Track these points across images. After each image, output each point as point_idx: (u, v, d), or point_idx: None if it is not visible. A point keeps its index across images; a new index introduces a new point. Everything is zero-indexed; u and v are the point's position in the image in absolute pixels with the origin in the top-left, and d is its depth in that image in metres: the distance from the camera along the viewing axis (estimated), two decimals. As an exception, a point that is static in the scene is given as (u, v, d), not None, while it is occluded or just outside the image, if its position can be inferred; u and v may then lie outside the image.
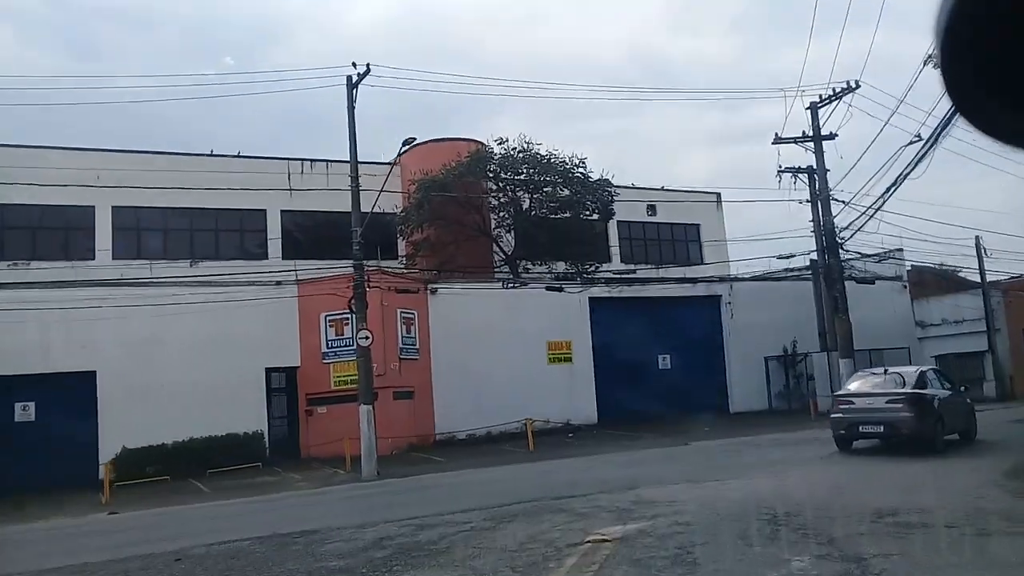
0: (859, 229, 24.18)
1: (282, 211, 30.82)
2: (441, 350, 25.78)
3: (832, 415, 15.62)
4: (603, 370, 28.25)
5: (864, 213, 23.72)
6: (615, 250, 36.41)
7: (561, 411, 26.91)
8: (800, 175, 27.92)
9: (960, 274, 34.30)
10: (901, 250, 32.47)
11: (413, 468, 19.77)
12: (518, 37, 74.27)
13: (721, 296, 30.82)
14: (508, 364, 26.36)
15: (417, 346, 25.32)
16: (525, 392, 26.14)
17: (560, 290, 27.02)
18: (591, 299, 28.50)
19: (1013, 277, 32.26)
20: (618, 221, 36.50)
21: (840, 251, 25.07)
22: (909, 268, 33.56)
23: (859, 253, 25.99)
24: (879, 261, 31.00)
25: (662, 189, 38.99)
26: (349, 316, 21.72)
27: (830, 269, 25.10)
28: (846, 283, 25.51)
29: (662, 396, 28.99)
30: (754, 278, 31.55)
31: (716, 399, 29.98)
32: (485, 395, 25.52)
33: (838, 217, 25.24)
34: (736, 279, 31.60)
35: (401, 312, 24.68)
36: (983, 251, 30.49)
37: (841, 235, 25.12)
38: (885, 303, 32.68)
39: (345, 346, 23.81)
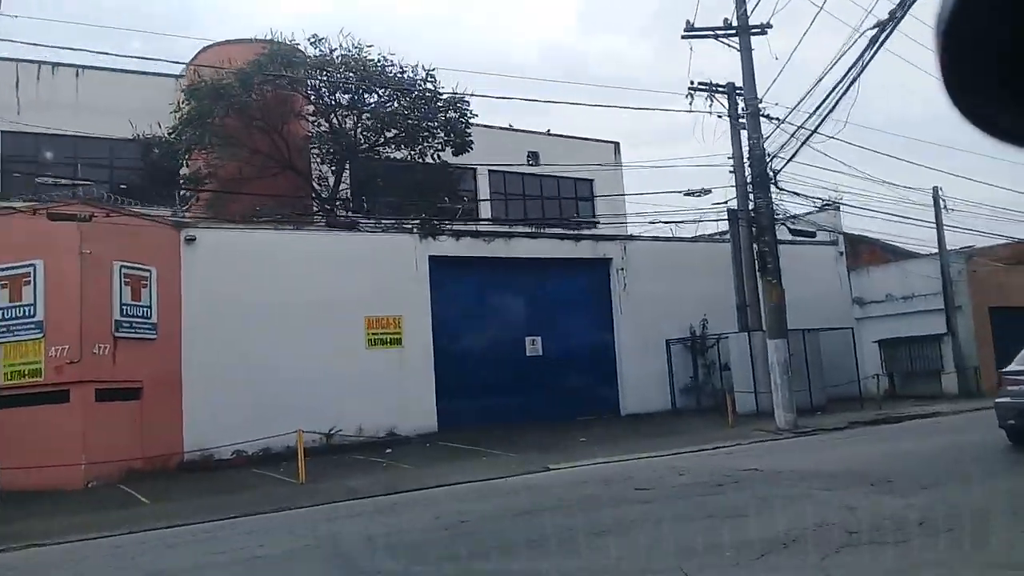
0: (793, 155, 16.93)
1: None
2: (199, 327, 17.36)
3: (998, 400, 12.49)
4: (447, 357, 20.33)
5: (795, 135, 16.44)
6: (485, 206, 28.53)
7: (384, 415, 18.96)
8: (718, 94, 20.53)
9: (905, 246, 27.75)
10: (838, 207, 25.59)
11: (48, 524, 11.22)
12: (433, 37, 66.13)
13: (612, 260, 23.23)
14: (305, 348, 18.22)
15: (153, 320, 16.79)
16: (330, 389, 18.14)
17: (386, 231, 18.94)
18: (433, 259, 20.51)
19: (974, 249, 25.73)
20: (490, 171, 28.67)
21: (771, 187, 17.74)
22: (842, 233, 26.74)
23: (794, 192, 18.75)
24: (815, 211, 23.97)
25: (547, 134, 31.30)
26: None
27: (757, 214, 17.74)
28: (776, 241, 18.22)
29: (530, 392, 21.36)
30: (656, 238, 24.11)
31: (603, 396, 22.47)
32: (267, 394, 17.34)
33: (769, 143, 17.89)
34: (632, 238, 24.08)
35: (122, 267, 16.12)
36: (942, 205, 23.81)
37: (771, 167, 17.80)
38: (816, 273, 25.78)
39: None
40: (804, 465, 11.64)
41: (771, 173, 17.82)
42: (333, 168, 22.65)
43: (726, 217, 21.07)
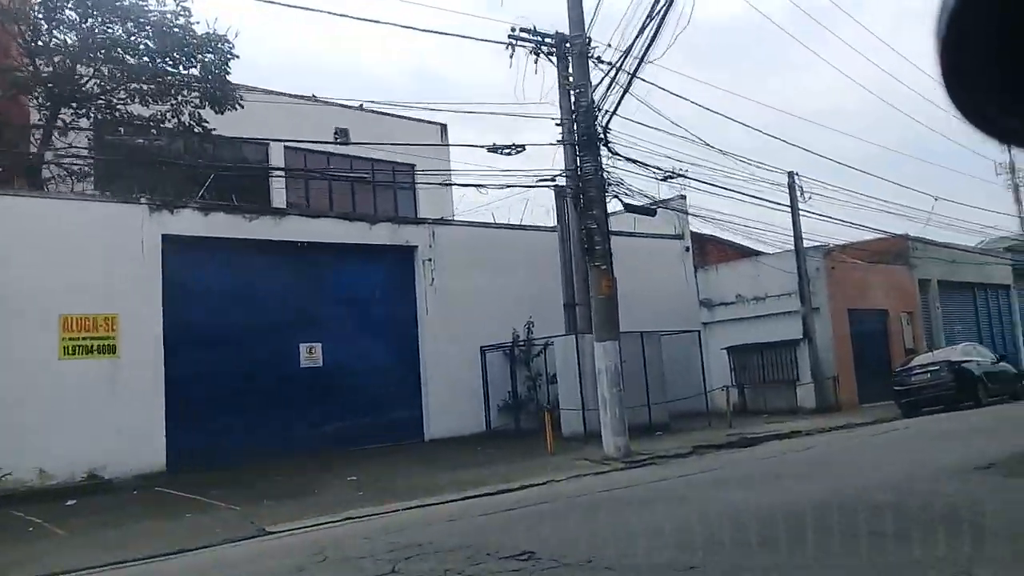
0: (619, 102, 13.16)
1: None
2: None
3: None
4: (185, 372, 15.27)
5: (620, 67, 12.67)
6: (280, 190, 23.54)
7: (85, 452, 13.80)
8: (545, 44, 16.55)
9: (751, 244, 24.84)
10: (684, 197, 22.31)
11: None
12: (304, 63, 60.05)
13: (417, 249, 18.84)
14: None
15: None
16: (7, 416, 12.81)
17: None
18: (168, 239, 15.44)
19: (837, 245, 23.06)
20: (286, 148, 23.72)
21: (601, 148, 13.88)
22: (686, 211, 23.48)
23: (631, 159, 14.95)
24: (654, 204, 20.58)
25: (360, 108, 26.64)
26: None
27: (584, 181, 13.81)
28: (608, 216, 14.36)
29: (303, 415, 16.66)
30: (474, 223, 19.97)
31: (402, 417, 17.98)
32: None
33: (605, 99, 14.04)
34: (442, 221, 19.81)
35: None
36: (798, 191, 20.85)
37: (600, 122, 13.96)
38: (659, 270, 22.40)
39: None
40: (590, 549, 7.11)
41: (600, 130, 13.95)
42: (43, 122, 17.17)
43: (555, 188, 17.04)
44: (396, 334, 18.35)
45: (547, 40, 16.39)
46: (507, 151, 14.60)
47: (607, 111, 14.16)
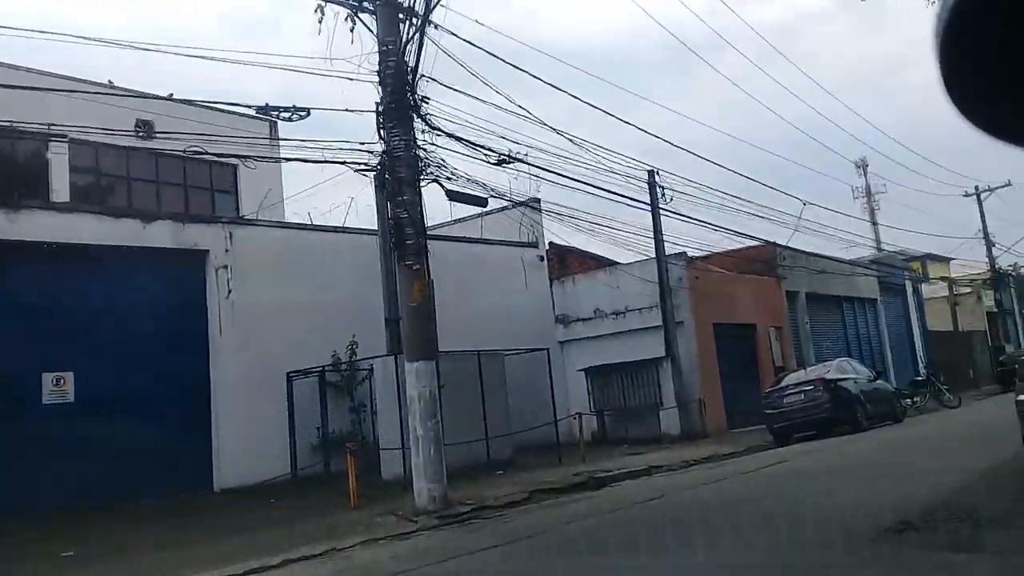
0: (417, 63, 10.49)
1: None
2: None
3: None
4: None
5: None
6: (62, 189, 19.57)
7: None
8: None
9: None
10: (539, 200, 19.80)
11: None
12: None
13: (208, 254, 15.46)
14: None
15: None
16: None
17: None
18: None
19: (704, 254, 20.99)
20: (71, 142, 19.83)
21: (415, 122, 11.09)
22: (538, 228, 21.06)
23: (455, 136, 12.12)
24: (507, 208, 18.14)
25: (169, 98, 22.94)
26: None
27: (391, 158, 10.93)
28: (420, 201, 11.49)
29: (45, 465, 12.94)
30: (284, 224, 16.81)
31: (184, 463, 14.47)
32: None
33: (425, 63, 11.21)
34: (241, 221, 16.57)
35: None
36: (660, 192, 18.66)
37: (416, 92, 11.16)
38: (509, 282, 19.79)
39: None
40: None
41: (412, 99, 11.13)
42: None
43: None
44: (178, 359, 14.85)
45: None
46: (288, 116, 11.55)
47: (423, 75, 11.38)
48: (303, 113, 11.26)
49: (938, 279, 37.41)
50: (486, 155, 12.86)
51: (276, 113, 11.15)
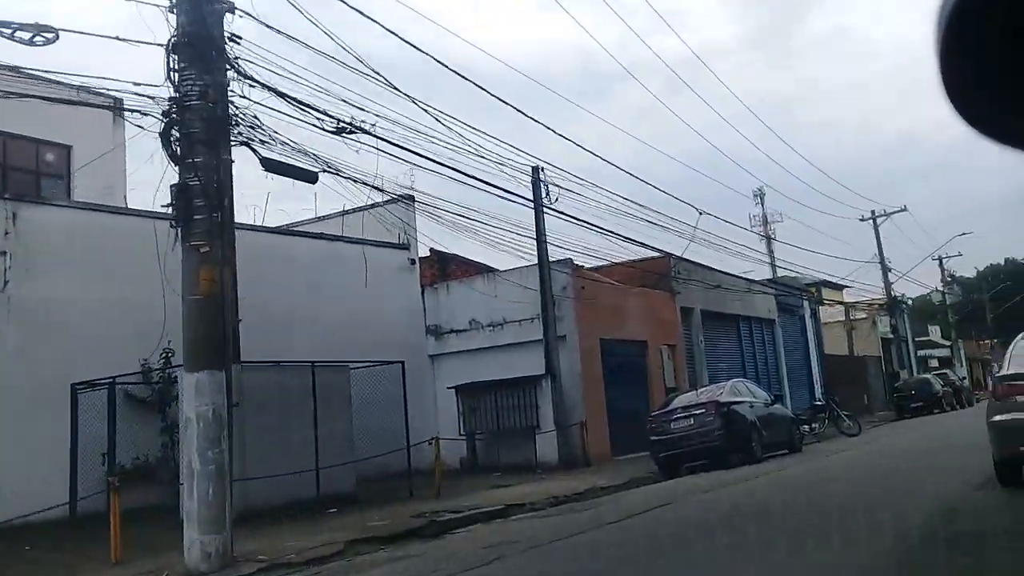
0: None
1: None
2: None
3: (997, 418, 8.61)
4: None
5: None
6: None
7: None
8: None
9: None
10: (412, 198, 17.46)
11: None
12: None
13: (-17, 239, 12.49)
14: None
15: None
16: None
17: None
18: None
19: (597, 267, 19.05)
20: None
21: (223, 63, 8.63)
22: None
23: (278, 92, 9.69)
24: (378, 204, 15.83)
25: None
26: None
27: (182, 108, 8.38)
28: (219, 162, 9.02)
29: None
30: (84, 205, 13.95)
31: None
32: None
33: None
34: (29, 200, 13.68)
35: None
36: (544, 188, 16.55)
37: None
38: (376, 288, 17.33)
39: None
40: None
41: (215, 33, 8.66)
42: None
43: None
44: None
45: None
46: (29, 37, 8.79)
47: (236, 7, 8.97)
48: (49, 35, 8.56)
49: (834, 302, 36.81)
50: (319, 119, 10.41)
51: (11, 31, 8.40)
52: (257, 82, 9.56)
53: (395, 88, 11.48)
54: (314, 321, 16.11)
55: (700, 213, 19.58)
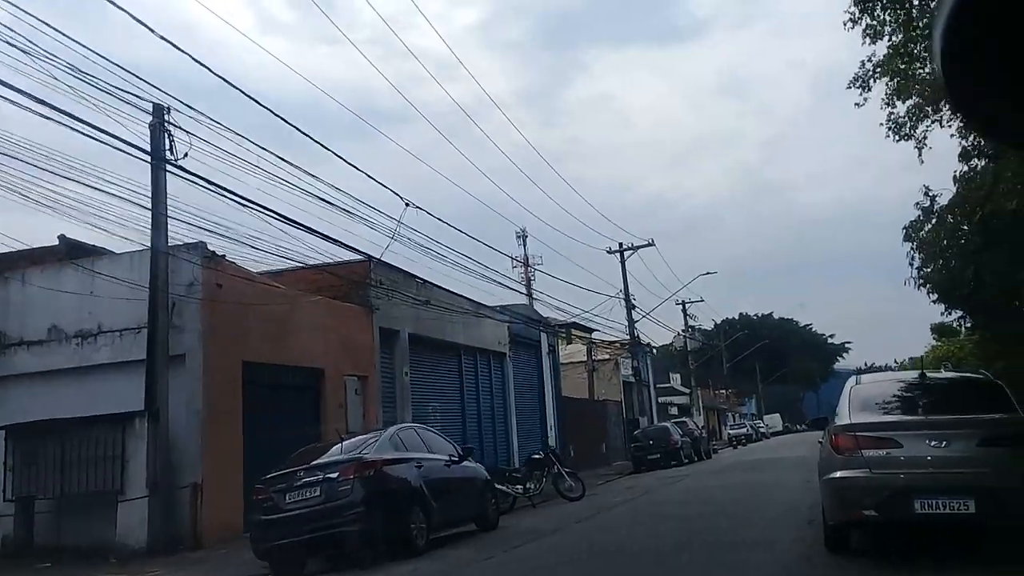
0: None
1: None
2: None
3: (839, 474, 6.94)
4: None
5: None
6: None
7: None
8: None
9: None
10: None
11: None
12: None
13: None
14: None
15: None
16: None
17: None
18: None
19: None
20: None
21: None
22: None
23: None
24: None
25: None
26: None
27: None
28: None
29: None
30: None
31: None
32: None
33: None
34: None
35: None
36: (167, 141, 10.99)
37: None
38: None
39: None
40: None
41: None
42: None
43: None
44: None
45: None
46: None
47: None
48: None
49: (579, 338, 33.97)
50: None
51: None
52: None
53: None
54: None
55: (407, 205, 14.96)
